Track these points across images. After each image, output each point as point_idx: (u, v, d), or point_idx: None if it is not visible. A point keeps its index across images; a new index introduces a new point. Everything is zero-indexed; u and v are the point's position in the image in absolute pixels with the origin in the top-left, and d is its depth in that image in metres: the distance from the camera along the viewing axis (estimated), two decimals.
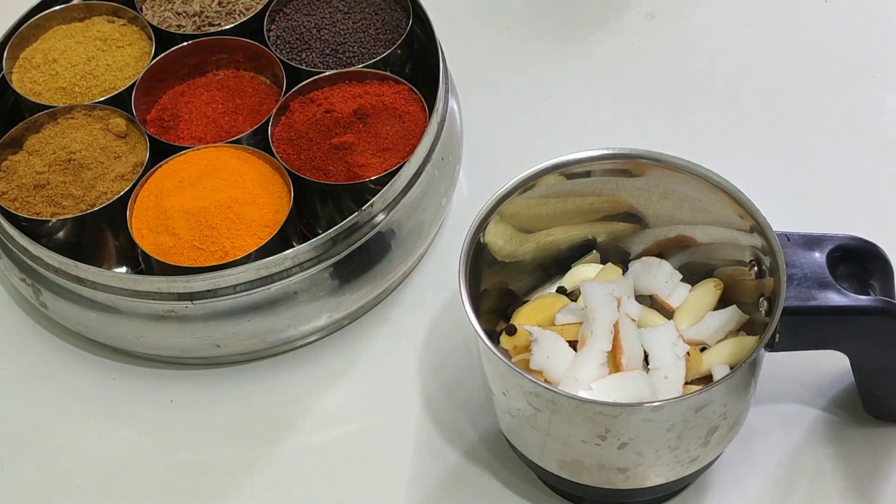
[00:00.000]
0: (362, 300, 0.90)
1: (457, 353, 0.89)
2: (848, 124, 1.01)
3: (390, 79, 0.95)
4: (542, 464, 0.78)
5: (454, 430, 0.86)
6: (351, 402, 0.89)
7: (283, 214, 0.88)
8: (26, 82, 0.98)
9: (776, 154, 1.00)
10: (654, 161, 0.81)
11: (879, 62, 1.06)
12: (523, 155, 0.85)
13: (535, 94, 1.06)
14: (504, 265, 0.83)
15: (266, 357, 0.91)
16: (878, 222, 0.94)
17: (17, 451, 0.88)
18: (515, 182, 0.80)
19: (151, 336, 0.87)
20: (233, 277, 0.84)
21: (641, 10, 1.11)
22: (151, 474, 0.86)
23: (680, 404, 0.72)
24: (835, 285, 0.75)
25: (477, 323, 0.75)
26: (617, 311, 0.77)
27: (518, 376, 0.73)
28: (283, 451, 0.87)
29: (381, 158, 0.91)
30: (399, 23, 0.99)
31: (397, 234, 0.89)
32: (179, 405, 0.90)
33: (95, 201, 0.90)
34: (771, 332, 0.74)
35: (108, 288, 0.86)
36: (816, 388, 0.86)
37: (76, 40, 1.00)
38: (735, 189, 0.79)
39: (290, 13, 1.01)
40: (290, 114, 0.94)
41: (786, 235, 0.77)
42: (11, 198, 0.91)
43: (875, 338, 0.77)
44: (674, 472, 0.76)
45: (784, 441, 0.84)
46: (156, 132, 0.94)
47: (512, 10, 1.12)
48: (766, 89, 1.05)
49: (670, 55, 1.08)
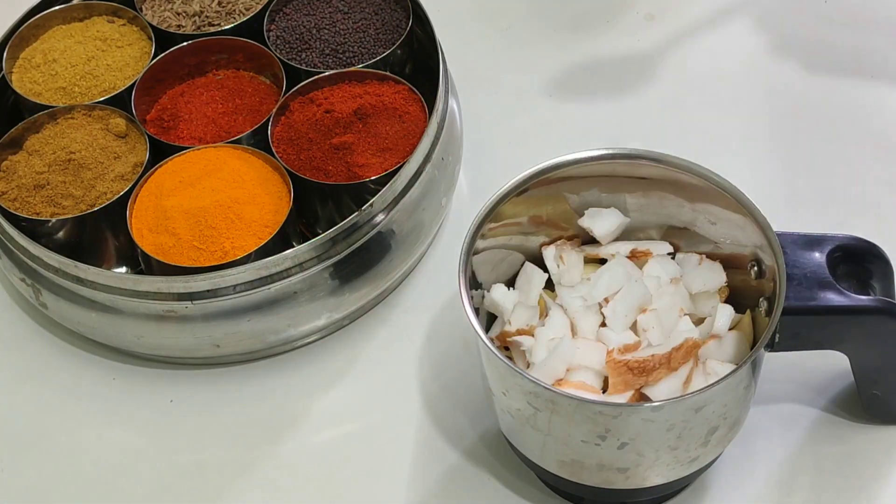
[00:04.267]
0: (362, 300, 0.90)
1: (457, 353, 0.89)
2: (848, 124, 1.01)
3: (390, 79, 0.95)
4: (542, 464, 0.78)
5: (454, 430, 0.86)
6: (351, 402, 0.89)
7: (283, 214, 0.89)
8: (26, 82, 0.98)
9: (776, 154, 1.00)
10: (654, 161, 0.81)
11: (879, 62, 1.06)
12: (523, 155, 0.85)
13: (535, 94, 1.06)
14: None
15: (266, 357, 0.91)
16: (878, 222, 0.94)
17: (17, 451, 0.88)
18: (515, 182, 0.80)
19: (151, 336, 0.87)
20: (233, 277, 0.84)
21: (641, 10, 1.11)
22: (151, 474, 0.86)
23: (680, 404, 0.72)
24: (835, 285, 0.75)
25: (477, 323, 0.75)
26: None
27: (518, 376, 0.73)
28: (283, 451, 0.87)
29: (381, 158, 0.91)
30: (399, 23, 0.99)
31: (397, 234, 0.89)
32: (179, 405, 0.89)
33: (95, 201, 0.90)
34: (771, 332, 0.74)
35: (107, 288, 0.86)
36: (816, 388, 0.86)
37: (76, 40, 1.00)
38: (735, 189, 0.79)
39: (290, 13, 1.01)
40: (290, 114, 0.94)
41: (786, 235, 0.77)
42: (11, 198, 0.91)
43: (875, 338, 0.77)
44: (674, 472, 0.76)
45: (784, 441, 0.84)
46: (156, 132, 0.94)
47: (512, 10, 1.12)
48: (766, 89, 1.05)
49: (670, 55, 1.08)
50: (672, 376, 0.75)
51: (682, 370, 0.76)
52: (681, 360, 0.76)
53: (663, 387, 0.75)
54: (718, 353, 0.78)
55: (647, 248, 0.83)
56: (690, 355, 0.76)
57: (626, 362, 0.75)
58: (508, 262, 0.83)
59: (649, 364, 0.75)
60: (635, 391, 0.76)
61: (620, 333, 0.78)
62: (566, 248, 0.83)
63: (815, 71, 1.05)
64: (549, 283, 0.83)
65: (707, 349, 0.78)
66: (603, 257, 0.83)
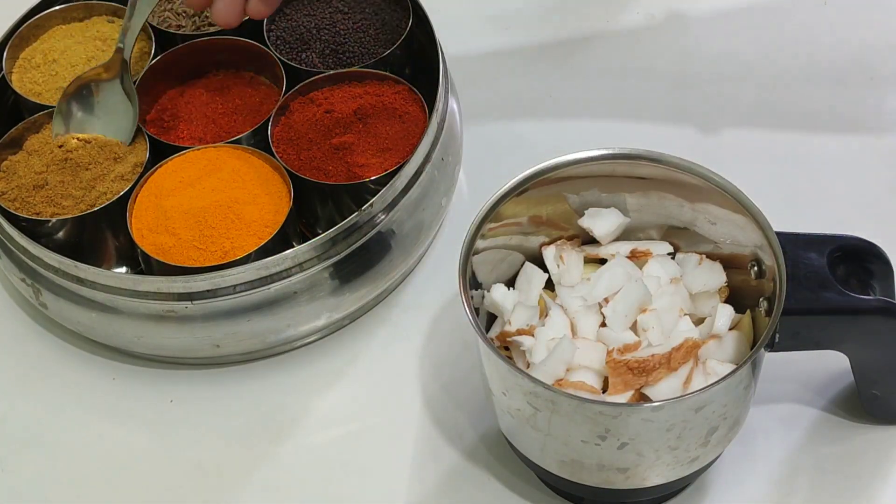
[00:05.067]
0: (362, 300, 0.90)
1: (457, 353, 0.89)
2: (848, 124, 1.01)
3: (390, 79, 0.95)
4: (542, 464, 0.78)
5: (454, 430, 0.86)
6: (351, 402, 0.89)
7: (283, 214, 0.89)
8: (26, 82, 0.98)
9: (776, 154, 1.00)
10: (654, 161, 0.81)
11: (879, 62, 1.06)
12: (523, 155, 0.85)
13: (535, 94, 1.06)
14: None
15: (266, 357, 0.91)
16: (878, 222, 0.94)
17: (17, 450, 0.88)
18: (515, 182, 0.80)
19: (151, 336, 0.87)
20: (233, 277, 0.84)
21: (641, 10, 1.11)
22: (151, 474, 0.86)
23: (680, 404, 0.72)
24: (835, 285, 0.75)
25: (477, 323, 0.75)
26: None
27: (518, 376, 0.73)
28: (283, 451, 0.87)
29: (381, 158, 0.91)
30: (399, 23, 0.99)
31: (397, 234, 0.89)
32: (179, 405, 0.89)
33: (95, 201, 0.90)
34: (771, 332, 0.74)
35: (107, 288, 0.86)
36: (816, 388, 0.86)
37: (76, 40, 1.00)
38: (735, 189, 0.79)
39: (290, 13, 1.01)
40: (290, 114, 0.94)
41: (786, 235, 0.77)
42: (11, 198, 0.91)
43: (875, 338, 0.77)
44: (674, 472, 0.76)
45: (784, 441, 0.84)
46: (156, 132, 0.94)
47: (512, 10, 1.12)
48: (766, 89, 1.05)
49: (670, 55, 1.08)
50: (672, 376, 0.75)
51: (682, 370, 0.76)
52: (681, 360, 0.76)
53: (663, 387, 0.75)
54: (718, 353, 0.78)
55: (647, 248, 0.83)
56: (690, 355, 0.76)
57: (626, 362, 0.75)
58: (508, 262, 0.83)
59: (649, 364, 0.75)
60: (635, 391, 0.76)
61: (620, 333, 0.78)
62: (566, 248, 0.83)
63: (815, 71, 1.05)
64: (549, 283, 0.83)
65: (707, 349, 0.78)
66: (603, 257, 0.83)
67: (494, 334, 0.80)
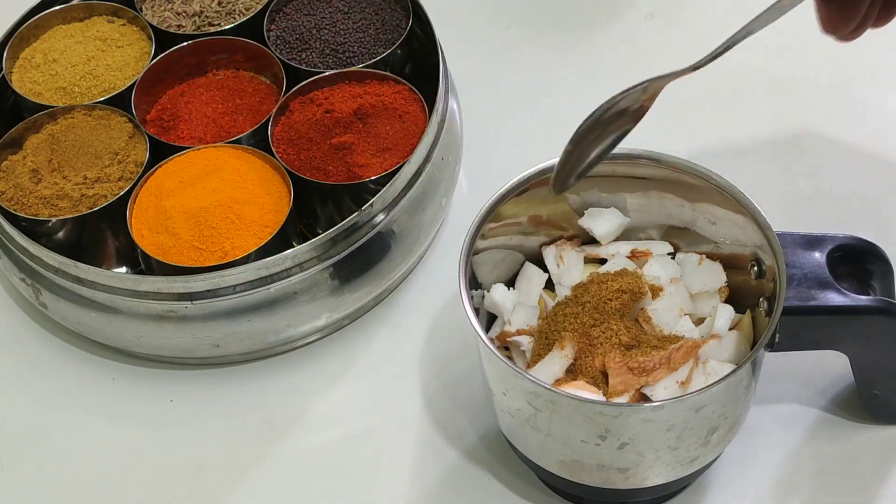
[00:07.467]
0: (362, 300, 0.90)
1: (457, 353, 0.89)
2: (848, 124, 1.01)
3: (390, 79, 0.95)
4: (542, 464, 0.78)
5: (454, 430, 0.86)
6: (351, 402, 0.89)
7: (283, 214, 0.89)
8: (26, 82, 0.98)
9: (776, 154, 1.00)
10: (653, 161, 0.81)
11: (879, 62, 1.06)
12: (523, 155, 0.85)
13: (535, 94, 1.06)
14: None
15: (266, 357, 0.91)
16: (878, 222, 0.94)
17: (17, 451, 0.88)
18: (515, 182, 0.80)
19: (151, 336, 0.87)
20: (233, 277, 0.84)
21: (641, 9, 1.11)
22: (151, 474, 0.86)
23: (680, 404, 0.72)
24: (835, 285, 0.75)
25: (477, 323, 0.75)
26: None
27: (518, 376, 0.73)
28: (283, 451, 0.87)
29: (381, 158, 0.91)
30: (399, 23, 0.99)
31: (397, 234, 0.89)
32: (179, 405, 0.90)
33: (95, 202, 0.90)
34: (771, 332, 0.74)
35: (107, 288, 0.86)
36: (816, 388, 0.86)
37: (76, 40, 1.00)
38: (735, 189, 0.79)
39: (290, 13, 1.01)
40: (290, 114, 0.94)
41: (786, 235, 0.77)
42: (10, 197, 0.91)
43: (875, 338, 0.77)
44: (674, 472, 0.76)
45: (784, 441, 0.84)
46: (156, 132, 0.94)
47: (512, 10, 1.12)
48: (766, 89, 1.05)
49: (670, 55, 1.07)
50: (672, 376, 0.76)
51: (682, 370, 0.76)
52: (681, 360, 0.76)
53: (663, 387, 0.75)
54: (718, 353, 0.78)
55: (647, 248, 0.83)
56: (690, 355, 0.76)
57: (626, 362, 0.75)
58: (508, 262, 0.83)
59: (649, 364, 0.75)
60: (635, 391, 0.76)
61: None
62: (566, 248, 0.83)
63: (815, 71, 1.05)
64: (549, 283, 0.83)
65: (707, 349, 0.78)
66: (603, 257, 0.83)
67: (494, 334, 0.80)
